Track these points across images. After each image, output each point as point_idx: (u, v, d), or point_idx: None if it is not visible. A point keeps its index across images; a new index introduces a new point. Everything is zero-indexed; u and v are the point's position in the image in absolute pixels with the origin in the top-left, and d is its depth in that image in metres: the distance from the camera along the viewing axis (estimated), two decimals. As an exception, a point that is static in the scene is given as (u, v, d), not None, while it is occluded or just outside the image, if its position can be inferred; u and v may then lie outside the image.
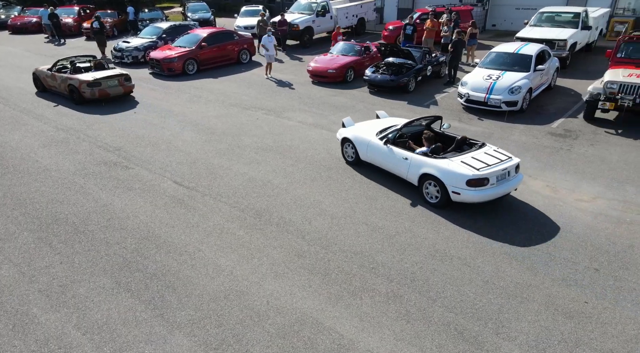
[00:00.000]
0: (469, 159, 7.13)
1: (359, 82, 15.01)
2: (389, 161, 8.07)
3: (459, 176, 6.85)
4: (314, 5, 21.40)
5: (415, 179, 7.62)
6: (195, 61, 16.65)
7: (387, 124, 9.09)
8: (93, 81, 13.01)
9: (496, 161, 7.04)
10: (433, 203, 7.43)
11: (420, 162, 7.43)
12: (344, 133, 9.12)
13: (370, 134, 8.58)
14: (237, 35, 18.15)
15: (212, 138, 10.41)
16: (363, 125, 9.23)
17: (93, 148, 9.86)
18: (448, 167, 7.03)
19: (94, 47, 21.77)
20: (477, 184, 6.73)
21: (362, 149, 8.66)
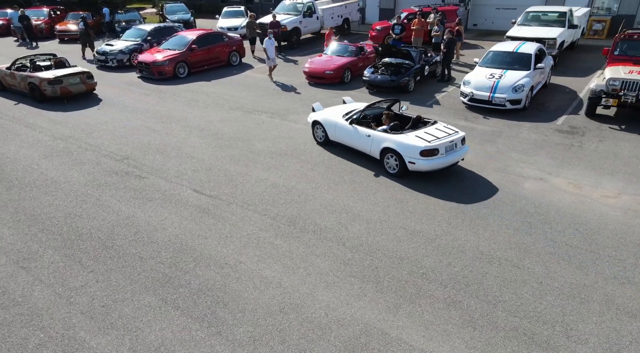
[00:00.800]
0: (422, 134, 8.23)
1: (356, 82, 14.99)
2: (354, 139, 9.15)
3: (413, 148, 7.95)
4: (299, 5, 21.24)
5: (377, 153, 8.69)
6: (186, 64, 16.19)
7: (353, 107, 10.16)
8: (54, 79, 12.98)
9: (445, 135, 8.20)
10: (392, 173, 8.54)
11: (380, 138, 8.53)
12: (314, 117, 10.15)
13: (337, 117, 9.62)
14: (227, 37, 17.77)
15: (221, 143, 10.13)
16: (331, 109, 10.26)
17: (99, 157, 9.39)
18: (404, 140, 8.12)
19: (68, 49, 20.87)
20: (429, 154, 7.88)
21: (330, 130, 9.73)
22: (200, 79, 15.93)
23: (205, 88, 14.74)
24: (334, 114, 9.83)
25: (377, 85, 13.81)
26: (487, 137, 10.13)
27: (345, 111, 9.96)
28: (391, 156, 8.42)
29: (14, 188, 8.07)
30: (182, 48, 16.23)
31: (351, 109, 9.96)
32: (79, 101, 13.27)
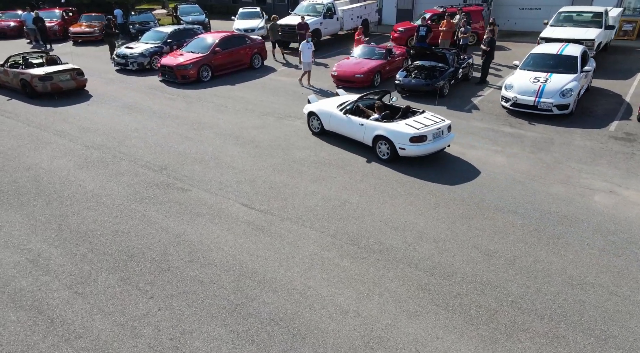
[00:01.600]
0: (411, 122, 8.95)
1: (386, 86, 14.56)
2: (348, 128, 9.82)
3: (404, 135, 8.68)
4: (319, 7, 20.79)
5: (369, 141, 9.37)
6: (209, 67, 15.76)
7: (346, 99, 10.81)
8: (45, 75, 13.47)
9: (432, 123, 8.95)
10: (385, 159, 9.22)
11: (373, 126, 9.23)
12: (310, 108, 10.77)
13: (332, 108, 10.29)
14: (249, 39, 17.33)
15: (260, 152, 9.70)
16: (326, 101, 10.88)
17: (136, 167, 8.96)
18: (395, 128, 8.85)
19: (83, 52, 20.43)
20: (418, 141, 8.61)
21: (325, 120, 10.40)
22: (225, 82, 15.49)
23: (232, 92, 14.30)
24: (329, 105, 10.46)
25: (410, 89, 13.36)
26: (539, 145, 9.67)
27: (339, 102, 10.58)
28: (383, 143, 9.12)
29: (53, 202, 7.65)
30: (205, 51, 15.80)
31: (344, 101, 10.61)
32: (108, 107, 12.85)
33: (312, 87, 14.65)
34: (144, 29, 23.85)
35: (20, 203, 7.60)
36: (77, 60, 18.87)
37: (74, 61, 18.54)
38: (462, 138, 10.25)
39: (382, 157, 9.27)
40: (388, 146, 9.04)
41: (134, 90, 14.63)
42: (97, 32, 23.25)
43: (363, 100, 10.19)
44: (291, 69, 17.32)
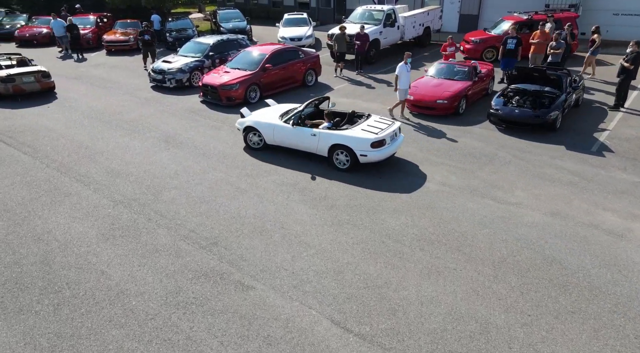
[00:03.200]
0: (365, 127, 8.70)
1: (473, 114, 11.92)
2: (298, 139, 9.21)
3: (364, 141, 8.39)
4: (377, 14, 18.23)
5: (325, 151, 8.90)
6: (258, 87, 13.50)
7: (284, 108, 10.25)
8: (6, 77, 13.25)
9: (386, 126, 8.80)
10: (343, 169, 8.81)
11: (328, 135, 8.75)
12: (246, 122, 9.89)
13: (274, 119, 9.58)
14: (302, 53, 14.99)
15: (338, 217, 7.26)
16: (262, 112, 10.19)
17: (176, 239, 6.68)
18: (354, 135, 8.52)
19: (116, 63, 18.54)
20: (378, 146, 8.37)
21: (268, 134, 9.61)
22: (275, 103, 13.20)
23: (286, 119, 11.99)
24: (269, 117, 9.78)
25: (513, 121, 10.64)
26: None
27: (278, 112, 9.98)
28: (341, 152, 8.73)
29: (64, 307, 5.39)
30: (253, 67, 13.53)
31: (283, 110, 10.05)
32: (143, 138, 10.72)
33: (408, 120, 11.77)
34: (180, 37, 22.03)
35: (19, 307, 5.40)
36: (110, 72, 17.04)
37: (108, 74, 16.77)
38: (611, 200, 7.54)
39: (341, 167, 8.88)
40: (347, 154, 8.68)
41: (172, 114, 12.50)
42: (131, 40, 21.45)
43: (306, 108, 9.69)
44: (350, 88, 14.86)
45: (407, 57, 11.59)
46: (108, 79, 16.31)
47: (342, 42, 16.06)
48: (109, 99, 13.84)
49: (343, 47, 16.12)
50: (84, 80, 16.13)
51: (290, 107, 10.13)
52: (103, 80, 16.13)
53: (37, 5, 31.39)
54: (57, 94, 14.31)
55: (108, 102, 13.47)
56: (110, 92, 14.50)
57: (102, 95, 14.22)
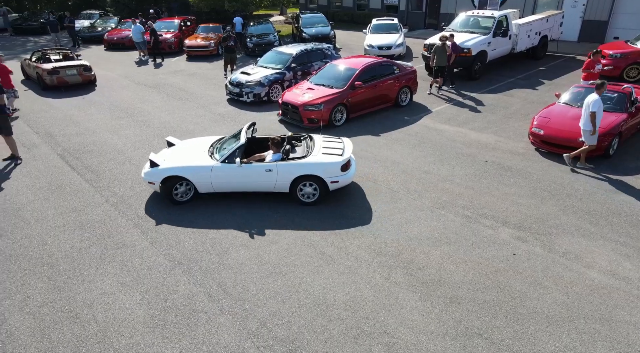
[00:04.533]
0: (324, 150, 7.78)
1: (629, 156, 9.10)
2: (248, 179, 7.65)
3: (334, 165, 7.51)
4: (486, 21, 15.52)
5: (286, 186, 7.66)
6: (345, 107, 11.64)
7: (202, 145, 8.42)
8: (52, 69, 14.70)
9: (340, 144, 8.04)
10: (310, 202, 7.75)
11: (289, 167, 7.51)
12: (165, 171, 7.63)
13: (205, 161, 7.74)
14: (397, 67, 12.87)
15: (469, 325, 5.15)
16: (176, 155, 8.04)
17: (242, 339, 4.92)
18: (322, 161, 7.52)
19: (195, 70, 17.51)
20: (346, 168, 7.64)
21: (203, 180, 7.70)
22: (363, 129, 11.23)
23: (377, 150, 9.95)
24: (195, 158, 7.87)
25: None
26: None
27: (199, 151, 8.14)
28: (307, 183, 7.64)
29: None
30: (341, 85, 11.68)
31: (205, 147, 8.29)
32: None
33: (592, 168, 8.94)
34: (261, 43, 20.89)
35: None
36: (187, 81, 16.14)
37: (185, 82, 15.84)
38: None
39: (307, 200, 7.81)
40: (313, 184, 7.67)
41: (246, 136, 11.03)
42: (212, 45, 20.67)
43: (221, 142, 8.38)
44: (452, 110, 12.48)
45: (603, 89, 8.53)
46: (184, 88, 15.38)
47: (442, 54, 13.70)
48: (182, 113, 12.75)
49: (443, 60, 13.75)
50: (161, 89, 15.33)
51: (211, 142, 8.49)
52: (179, 90, 15.22)
53: (129, 8, 32.34)
54: (134, 105, 13.54)
55: (182, 118, 12.35)
56: (185, 106, 13.45)
57: (176, 108, 13.19)
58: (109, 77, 17.21)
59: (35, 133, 11.19)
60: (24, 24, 29.00)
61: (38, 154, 9.94)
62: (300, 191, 7.71)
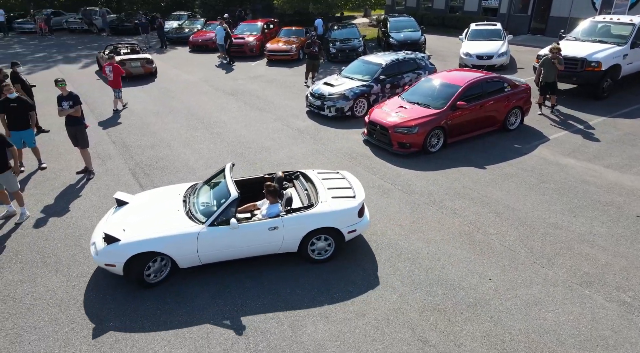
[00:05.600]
0: (330, 193, 6.38)
1: None
2: (246, 242, 5.88)
3: (349, 212, 6.17)
4: (621, 29, 12.84)
5: (296, 245, 6.12)
6: (443, 131, 9.93)
7: (171, 200, 6.37)
8: (119, 62, 15.72)
9: (345, 182, 6.75)
10: (323, 259, 6.31)
11: (298, 222, 5.97)
12: (131, 248, 5.50)
13: (185, 225, 5.76)
14: (507, 84, 10.86)
15: None
16: (138, 221, 5.92)
17: None
18: (334, 208, 6.10)
19: (274, 75, 16.56)
20: (362, 211, 6.36)
21: (186, 252, 5.74)
22: (463, 159, 9.45)
23: (486, 189, 8.10)
24: (168, 223, 5.78)
25: None
26: None
27: (167, 210, 6.09)
28: (321, 237, 6.18)
29: None
30: (439, 104, 9.97)
31: (176, 204, 6.22)
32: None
33: None
34: (345, 49, 19.59)
35: None
36: (266, 88, 15.27)
37: (263, 90, 14.80)
38: None
39: (319, 257, 6.28)
40: (329, 239, 6.18)
41: (326, 158, 9.70)
42: (293, 50, 19.79)
43: (196, 194, 6.48)
44: (574, 139, 10.19)
45: None
46: (263, 97, 14.53)
47: (550, 68, 11.45)
48: (259, 126, 11.80)
49: (552, 75, 11.50)
50: (239, 97, 14.61)
51: (179, 193, 6.57)
52: (257, 98, 14.39)
53: (215, 10, 32.80)
54: (210, 114, 12.89)
55: (258, 132, 11.40)
56: (262, 117, 12.52)
57: (252, 120, 12.30)
58: (189, 81, 16.93)
59: (112, 143, 10.83)
60: (120, 25, 30.45)
61: (111, 167, 9.46)
62: (312, 247, 6.23)
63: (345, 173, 7.08)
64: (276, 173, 6.77)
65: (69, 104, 8.47)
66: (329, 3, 23.38)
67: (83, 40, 27.63)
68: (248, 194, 6.87)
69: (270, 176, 6.96)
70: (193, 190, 6.62)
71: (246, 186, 6.86)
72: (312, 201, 6.28)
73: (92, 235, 6.04)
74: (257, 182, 6.96)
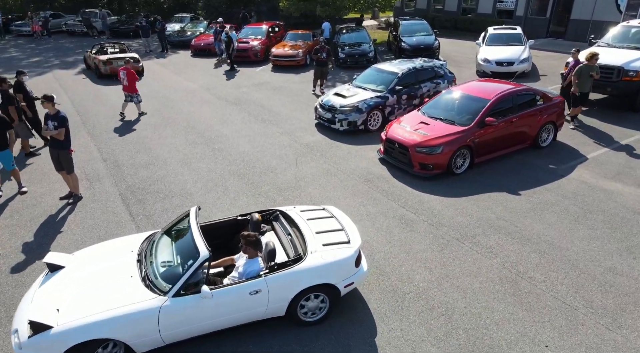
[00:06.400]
0: (319, 238, 5.24)
1: None
2: (222, 313, 4.69)
3: (346, 263, 5.08)
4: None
5: (283, 308, 4.99)
6: (469, 150, 8.89)
7: (120, 261, 5.04)
8: (106, 60, 17.14)
9: (332, 219, 5.70)
10: (316, 320, 5.20)
11: (285, 281, 4.83)
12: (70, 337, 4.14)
13: (140, 297, 4.46)
14: (540, 97, 9.79)
15: None
16: (77, 295, 4.54)
17: None
18: (328, 260, 4.99)
19: (280, 82, 15.63)
20: (359, 260, 5.30)
21: (146, 332, 4.44)
22: (492, 182, 8.39)
23: (524, 221, 7.01)
24: (117, 295, 4.48)
25: None
26: None
27: (116, 276, 4.77)
28: (313, 296, 5.06)
29: None
30: (465, 120, 8.92)
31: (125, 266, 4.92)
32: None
33: None
34: (354, 54, 18.56)
35: None
36: (271, 97, 14.21)
37: (269, 99, 13.48)
38: None
39: (311, 318, 5.20)
40: (321, 295, 5.09)
41: (339, 181, 8.69)
42: (300, 55, 18.79)
43: (153, 252, 5.05)
44: (616, 158, 9.11)
45: None
46: (268, 107, 13.53)
47: (586, 78, 10.42)
48: (264, 141, 10.79)
49: (588, 85, 10.47)
50: (243, 107, 13.62)
51: (131, 250, 5.24)
52: (262, 108, 13.39)
53: (219, 12, 31.84)
54: (212, 127, 11.89)
55: (262, 148, 10.39)
56: (268, 131, 11.51)
57: (257, 134, 11.29)
58: (190, 88, 15.96)
59: (103, 161, 9.85)
60: (120, 27, 29.54)
61: (99, 191, 8.47)
62: (302, 308, 5.12)
63: (332, 209, 6.01)
64: (252, 216, 5.54)
65: (54, 124, 7.49)
66: (337, 5, 22.33)
67: (82, 44, 26.73)
68: (218, 241, 5.71)
69: (244, 218, 5.81)
70: (150, 244, 5.28)
71: (215, 232, 5.71)
72: (300, 251, 5.12)
73: (14, 318, 4.52)
74: (227, 226, 5.78)
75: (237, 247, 5.47)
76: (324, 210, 6.02)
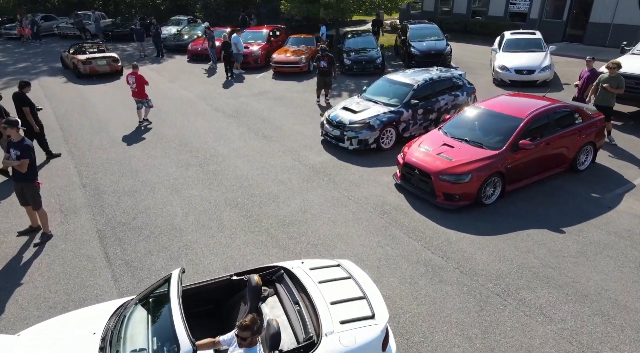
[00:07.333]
0: (336, 312, 4.10)
1: None
2: None
3: (370, 346, 3.93)
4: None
5: None
6: (500, 177, 7.73)
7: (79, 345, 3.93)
8: (85, 60, 17.26)
9: (349, 281, 4.53)
10: None
11: None
12: None
13: None
14: (579, 115, 8.63)
15: None
16: None
17: None
18: (350, 347, 3.84)
19: (282, 91, 14.49)
20: (387, 340, 4.15)
21: None
22: (527, 214, 7.21)
23: (574, 269, 5.83)
24: None
25: None
26: None
27: None
28: None
29: None
30: (495, 142, 7.75)
31: None
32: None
33: None
34: (361, 60, 17.37)
35: None
36: (273, 108, 13.03)
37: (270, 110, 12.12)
38: None
39: None
40: None
41: (351, 212, 7.53)
42: (303, 61, 17.60)
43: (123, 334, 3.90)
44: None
45: None
46: (269, 119, 12.37)
47: (603, 90, 9.31)
48: (264, 162, 9.63)
49: (607, 98, 9.36)
50: (241, 120, 12.45)
51: (93, 332, 4.05)
52: (263, 122, 12.23)
53: (217, 14, 30.67)
54: (207, 144, 10.72)
55: (263, 170, 9.23)
56: (269, 149, 10.34)
57: (257, 153, 10.13)
58: (185, 98, 14.79)
59: (82, 187, 8.67)
60: (114, 30, 28.36)
61: (73, 228, 7.29)
62: None
63: (349, 265, 4.84)
64: (250, 278, 4.35)
65: (17, 154, 6.34)
66: (341, 8, 21.18)
67: (74, 48, 25.55)
68: (208, 307, 4.66)
69: (240, 278, 4.66)
70: (119, 322, 4.09)
71: (206, 295, 4.62)
72: (310, 331, 3.98)
73: None
74: (220, 287, 4.65)
75: (230, 314, 4.39)
76: (338, 267, 4.86)
